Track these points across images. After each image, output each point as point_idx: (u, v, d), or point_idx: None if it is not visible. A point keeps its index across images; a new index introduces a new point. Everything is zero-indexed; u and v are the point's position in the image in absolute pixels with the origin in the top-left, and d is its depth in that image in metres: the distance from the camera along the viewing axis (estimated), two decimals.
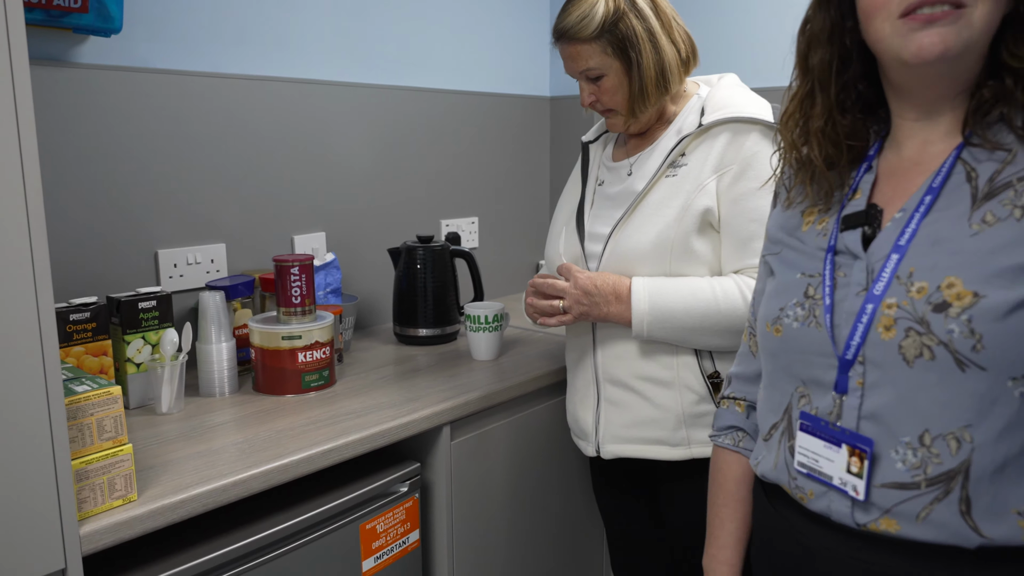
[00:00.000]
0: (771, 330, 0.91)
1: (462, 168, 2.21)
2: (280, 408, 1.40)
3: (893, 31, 0.77)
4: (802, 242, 0.92)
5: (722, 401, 1.08)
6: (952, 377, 0.75)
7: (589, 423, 1.43)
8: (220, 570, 1.12)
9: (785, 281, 0.92)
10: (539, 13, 2.40)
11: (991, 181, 0.78)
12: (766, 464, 0.93)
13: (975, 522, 0.75)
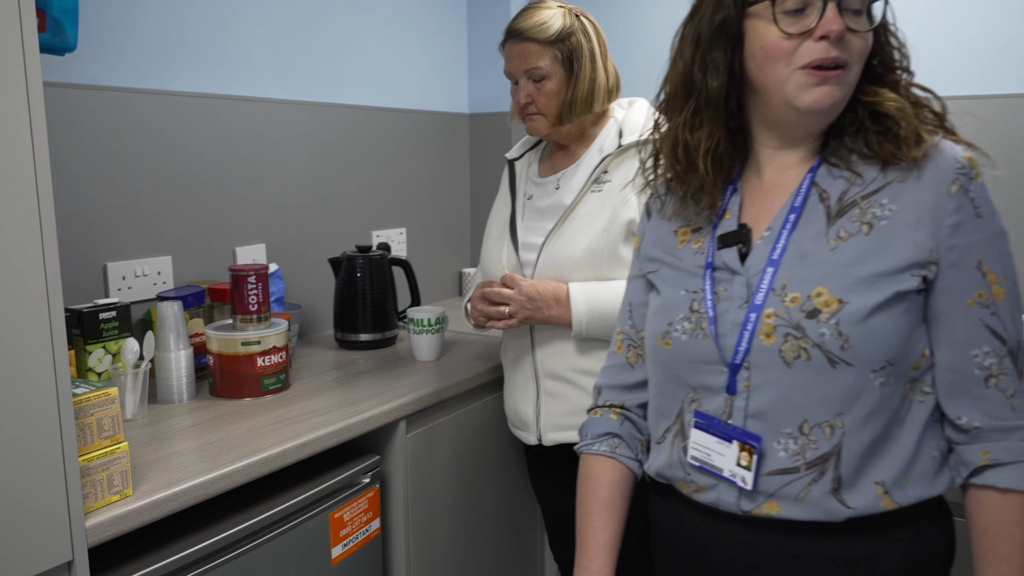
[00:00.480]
0: (661, 344, 0.99)
1: (391, 181, 2.31)
2: (242, 410, 1.47)
3: (792, 80, 0.88)
4: (680, 260, 1.00)
5: (594, 411, 1.11)
6: (825, 374, 0.86)
7: (530, 414, 1.57)
8: (209, 559, 1.19)
9: (670, 298, 0.99)
10: (459, 34, 2.54)
11: (840, 200, 0.90)
12: (660, 463, 1.02)
13: (843, 497, 0.87)
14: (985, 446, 0.88)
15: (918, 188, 0.87)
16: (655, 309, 1.02)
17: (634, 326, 1.09)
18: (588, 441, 1.09)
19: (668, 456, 1.00)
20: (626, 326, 1.10)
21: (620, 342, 1.11)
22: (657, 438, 1.03)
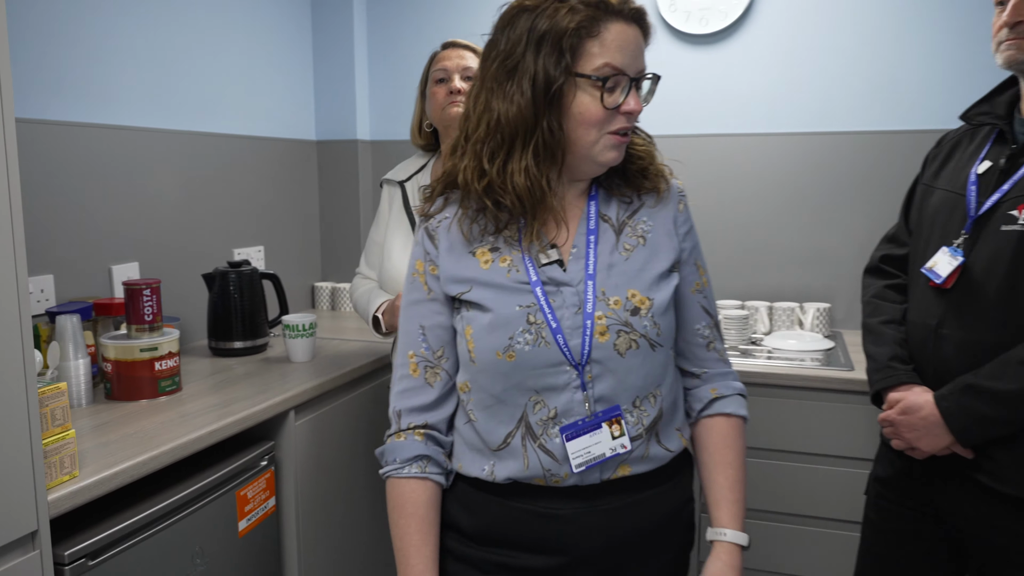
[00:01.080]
0: (503, 357, 1.07)
1: (250, 203, 2.50)
2: (145, 410, 1.64)
3: (600, 142, 1.07)
4: (494, 279, 1.09)
5: (397, 435, 1.14)
6: (648, 357, 1.08)
7: None
8: (143, 530, 1.37)
9: (505, 314, 1.07)
10: (306, 67, 2.77)
11: (618, 221, 1.13)
12: (512, 468, 1.09)
13: (664, 445, 1.12)
14: (712, 385, 1.19)
15: (662, 207, 1.16)
16: (488, 326, 1.08)
17: (430, 348, 1.14)
18: (397, 466, 1.12)
19: (523, 461, 1.09)
20: (420, 349, 1.14)
21: (415, 365, 1.14)
22: (497, 445, 1.10)
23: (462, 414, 1.15)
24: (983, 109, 1.47)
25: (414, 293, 1.16)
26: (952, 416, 1.33)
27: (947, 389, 1.36)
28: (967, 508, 1.39)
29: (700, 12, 2.44)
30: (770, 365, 2.03)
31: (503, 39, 1.06)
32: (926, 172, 1.57)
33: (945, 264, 1.39)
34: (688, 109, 2.53)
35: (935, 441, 1.37)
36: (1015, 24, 1.32)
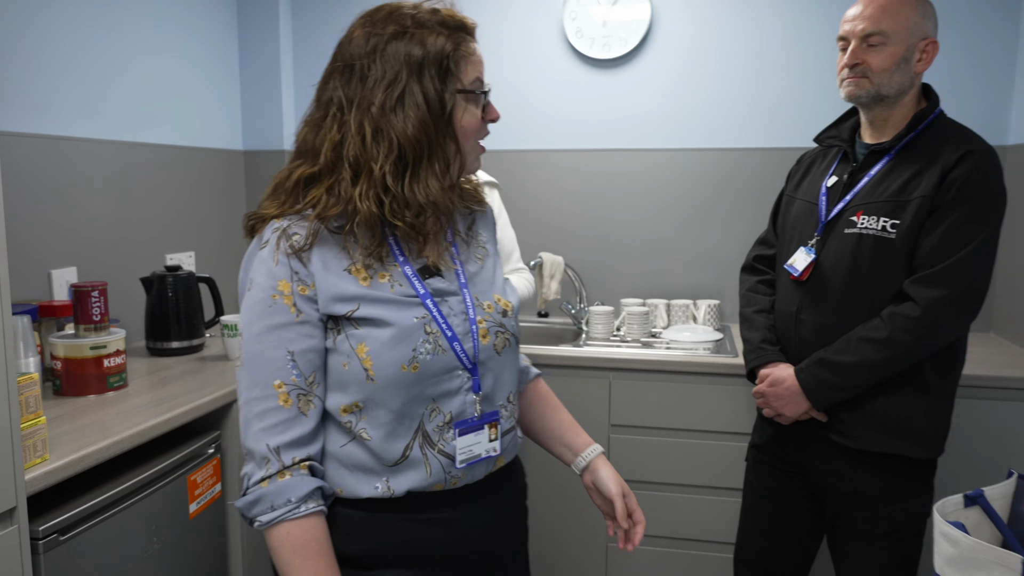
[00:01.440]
0: (408, 369, 1.08)
1: (180, 211, 2.60)
2: (96, 404, 1.75)
3: (474, 151, 1.17)
4: (380, 294, 1.10)
5: (283, 473, 1.05)
6: (514, 353, 1.21)
7: None
8: (106, 510, 1.50)
9: (405, 327, 1.09)
10: (232, 77, 2.89)
11: (465, 233, 1.24)
12: (413, 479, 1.11)
13: (519, 432, 1.27)
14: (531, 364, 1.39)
15: (485, 218, 1.29)
16: (390, 341, 1.08)
17: (301, 375, 1.07)
18: (293, 506, 1.05)
19: (426, 470, 1.12)
20: (290, 377, 1.07)
21: (285, 395, 1.06)
22: (395, 460, 1.11)
23: (339, 437, 1.11)
24: (832, 133, 1.77)
25: (277, 317, 1.07)
26: (808, 385, 1.62)
27: (804, 363, 1.64)
28: (823, 463, 1.68)
29: (603, 39, 2.70)
30: (668, 355, 2.29)
31: (376, 68, 1.09)
32: (789, 185, 1.87)
33: (802, 260, 1.67)
34: (593, 126, 2.78)
35: (796, 407, 1.65)
36: (854, 65, 1.62)
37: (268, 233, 1.10)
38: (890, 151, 1.64)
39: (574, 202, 2.82)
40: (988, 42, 2.48)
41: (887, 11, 1.59)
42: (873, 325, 1.58)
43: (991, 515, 1.35)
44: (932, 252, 1.55)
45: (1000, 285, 2.49)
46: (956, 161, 1.55)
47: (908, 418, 1.59)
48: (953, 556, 1.24)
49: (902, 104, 1.64)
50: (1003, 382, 2.05)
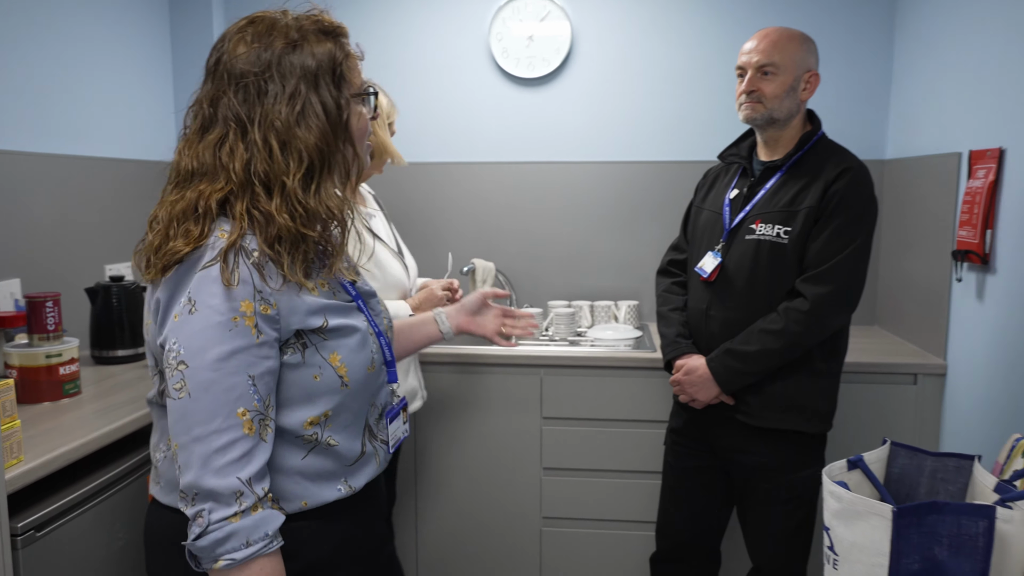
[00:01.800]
0: (372, 370, 1.16)
1: (116, 222, 2.65)
2: (53, 410, 1.81)
3: (366, 151, 1.22)
4: (332, 303, 1.13)
5: (257, 507, 1.01)
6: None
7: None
8: (75, 509, 1.58)
9: (364, 332, 1.16)
10: (166, 88, 2.95)
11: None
12: (369, 472, 1.20)
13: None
14: None
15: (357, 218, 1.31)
16: (357, 346, 1.14)
17: (261, 399, 1.03)
18: (268, 540, 1.02)
19: (376, 461, 1.22)
20: (253, 402, 1.02)
21: (249, 423, 1.02)
22: (355, 458, 1.17)
23: (297, 451, 1.11)
24: (732, 151, 2.02)
25: (237, 340, 1.01)
26: (717, 373, 1.85)
27: (714, 354, 1.87)
28: (731, 441, 1.92)
29: (528, 59, 2.90)
30: (593, 352, 2.50)
31: (275, 83, 1.09)
32: (697, 197, 2.10)
33: (710, 263, 1.90)
34: (519, 140, 2.97)
35: (708, 392, 1.88)
36: (750, 92, 1.86)
37: (212, 250, 1.05)
38: (781, 167, 1.90)
39: (502, 211, 3.00)
40: (866, 70, 2.79)
41: (777, 46, 1.85)
42: (770, 318, 1.82)
43: (869, 476, 1.59)
44: (817, 255, 1.80)
45: (883, 284, 2.80)
46: (836, 176, 1.81)
47: (802, 398, 1.84)
48: (838, 510, 1.47)
49: (791, 127, 1.90)
50: (886, 367, 2.34)
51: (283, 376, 1.08)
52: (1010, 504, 1.37)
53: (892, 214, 2.74)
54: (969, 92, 2.19)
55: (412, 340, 1.56)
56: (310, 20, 1.15)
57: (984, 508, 1.36)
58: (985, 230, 2.03)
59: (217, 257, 1.03)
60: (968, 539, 1.37)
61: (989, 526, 1.35)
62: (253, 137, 1.08)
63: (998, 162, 1.99)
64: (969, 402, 2.15)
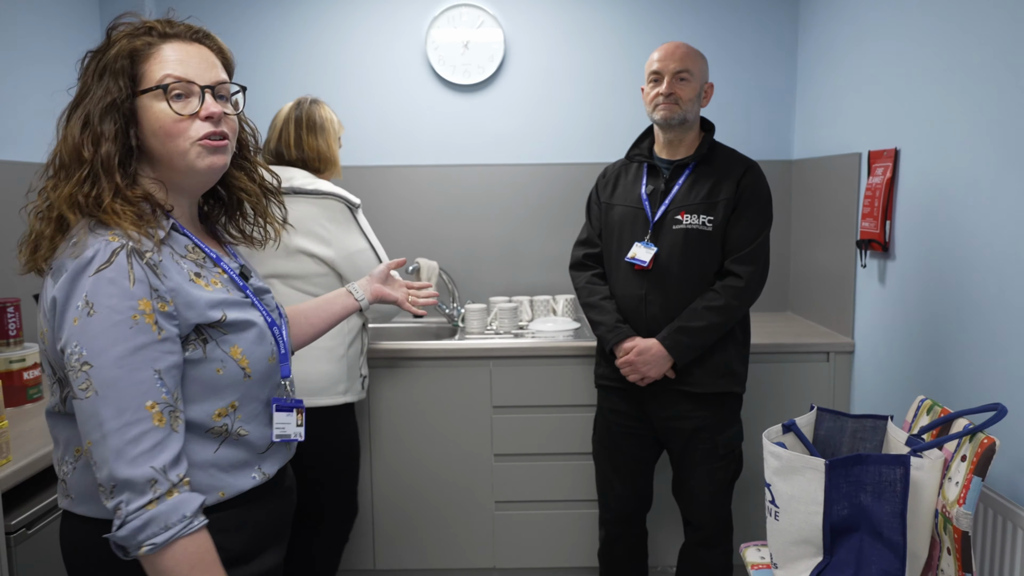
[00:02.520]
0: (272, 361, 1.21)
1: None
2: (19, 414, 1.82)
3: (192, 150, 1.13)
4: (228, 297, 1.16)
5: (172, 492, 1.04)
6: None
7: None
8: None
9: (262, 324, 1.20)
10: None
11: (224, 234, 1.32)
12: (279, 457, 1.25)
13: None
14: None
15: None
16: (256, 338, 1.18)
17: (170, 392, 1.07)
18: (188, 521, 1.05)
19: (287, 448, 1.28)
20: (161, 395, 1.05)
21: (159, 415, 1.05)
22: (266, 446, 1.22)
23: (210, 444, 1.14)
24: (637, 151, 2.24)
25: (140, 337, 1.05)
26: (672, 348, 2.07)
27: (665, 332, 2.08)
28: (670, 410, 2.14)
29: (463, 67, 3.03)
30: (536, 343, 2.64)
31: (82, 82, 1.16)
32: (602, 194, 2.28)
33: (644, 253, 2.10)
34: (457, 143, 3.10)
35: (660, 369, 2.09)
36: (669, 94, 2.08)
37: (103, 253, 1.05)
38: (689, 165, 2.14)
39: (441, 212, 3.12)
40: (773, 77, 3.06)
41: (690, 56, 2.12)
42: (709, 297, 2.07)
43: (800, 437, 1.80)
44: (740, 239, 2.08)
45: (794, 273, 3.08)
46: (744, 172, 2.11)
47: (729, 363, 2.12)
48: (778, 467, 1.67)
49: (693, 130, 2.17)
50: (802, 347, 2.59)
51: (186, 372, 1.11)
52: (920, 454, 1.60)
53: (801, 209, 3.02)
54: (866, 97, 2.46)
55: (330, 313, 1.55)
56: (144, 23, 1.16)
57: (900, 457, 1.58)
58: (885, 221, 2.30)
59: (111, 258, 1.05)
60: (888, 485, 1.59)
61: (905, 473, 1.57)
62: (88, 130, 1.11)
63: (894, 161, 2.26)
64: (875, 373, 2.42)
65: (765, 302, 3.12)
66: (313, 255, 2.07)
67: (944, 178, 2.02)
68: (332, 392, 2.14)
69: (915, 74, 2.16)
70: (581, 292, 2.26)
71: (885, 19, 2.34)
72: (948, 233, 2.00)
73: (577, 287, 2.28)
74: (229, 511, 1.16)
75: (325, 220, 2.08)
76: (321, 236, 2.08)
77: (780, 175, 3.07)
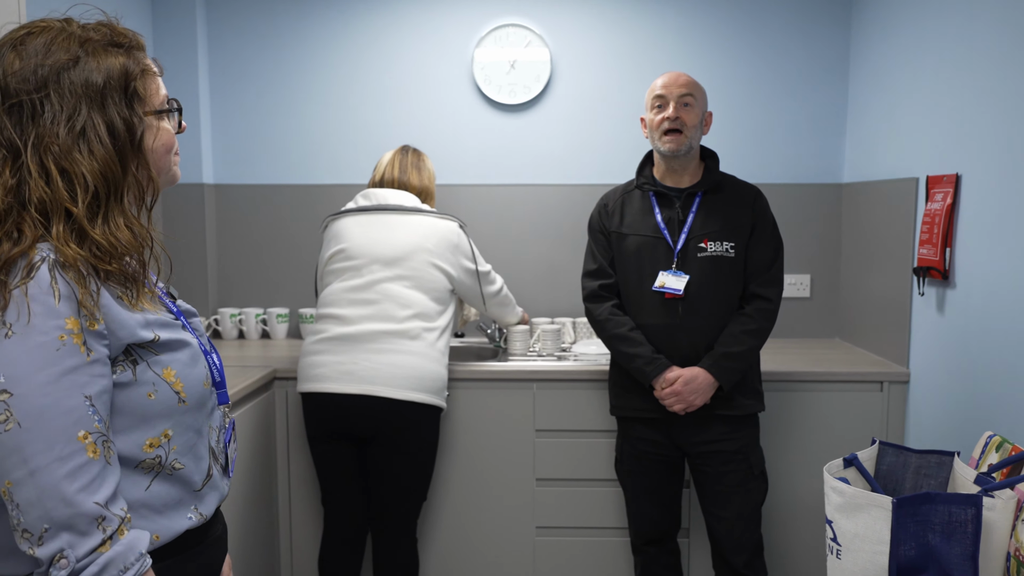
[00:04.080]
0: (207, 386, 1.11)
1: None
2: None
3: (170, 169, 1.12)
4: (160, 318, 1.05)
5: (122, 529, 0.95)
6: None
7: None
8: None
9: (195, 345, 1.10)
10: None
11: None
12: (216, 495, 1.14)
13: None
14: None
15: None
16: (190, 360, 1.08)
17: (102, 419, 0.96)
18: (142, 559, 0.97)
19: (222, 484, 1.17)
20: (93, 424, 0.95)
21: (93, 445, 0.94)
22: (202, 482, 1.10)
23: (140, 481, 1.03)
24: (643, 180, 2.23)
25: (67, 360, 0.94)
26: (720, 375, 2.07)
27: (709, 359, 2.08)
28: (706, 434, 2.14)
29: (509, 86, 3.02)
30: (578, 366, 2.61)
31: (52, 103, 0.99)
32: (608, 223, 2.24)
33: (676, 281, 2.09)
34: (502, 163, 3.09)
35: (706, 396, 2.08)
36: (675, 118, 2.09)
37: (22, 271, 0.94)
38: (698, 193, 2.16)
39: (485, 232, 3.10)
40: (823, 97, 3.01)
41: (692, 83, 2.16)
42: (744, 320, 2.10)
43: (863, 472, 1.74)
44: (761, 262, 2.15)
45: (843, 299, 3.01)
46: (754, 198, 2.18)
47: (754, 383, 2.17)
48: (841, 504, 1.61)
49: (696, 158, 2.19)
50: (855, 376, 2.52)
51: (114, 398, 1.00)
52: (992, 493, 1.54)
53: (851, 234, 2.95)
54: (924, 120, 2.41)
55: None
56: (100, 31, 1.05)
57: (972, 497, 1.52)
58: (945, 248, 2.24)
59: (31, 274, 0.94)
60: (958, 526, 1.53)
61: (977, 513, 1.51)
62: (26, 161, 0.97)
63: (955, 186, 2.20)
64: (932, 405, 2.34)
65: (813, 327, 3.07)
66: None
67: (1011, 205, 1.96)
68: (440, 394, 2.29)
69: (978, 95, 2.11)
70: (605, 324, 2.20)
71: (945, 38, 2.29)
72: (1015, 262, 1.94)
73: (598, 319, 2.23)
74: (167, 561, 1.05)
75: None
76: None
77: (830, 199, 3.02)
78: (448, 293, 2.35)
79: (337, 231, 2.36)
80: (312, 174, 3.09)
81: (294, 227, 3.10)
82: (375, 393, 2.16)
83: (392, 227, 2.30)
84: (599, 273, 2.25)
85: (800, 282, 3.06)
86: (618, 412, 2.29)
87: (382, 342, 2.20)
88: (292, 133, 3.08)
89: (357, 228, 2.32)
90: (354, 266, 2.29)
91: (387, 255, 2.26)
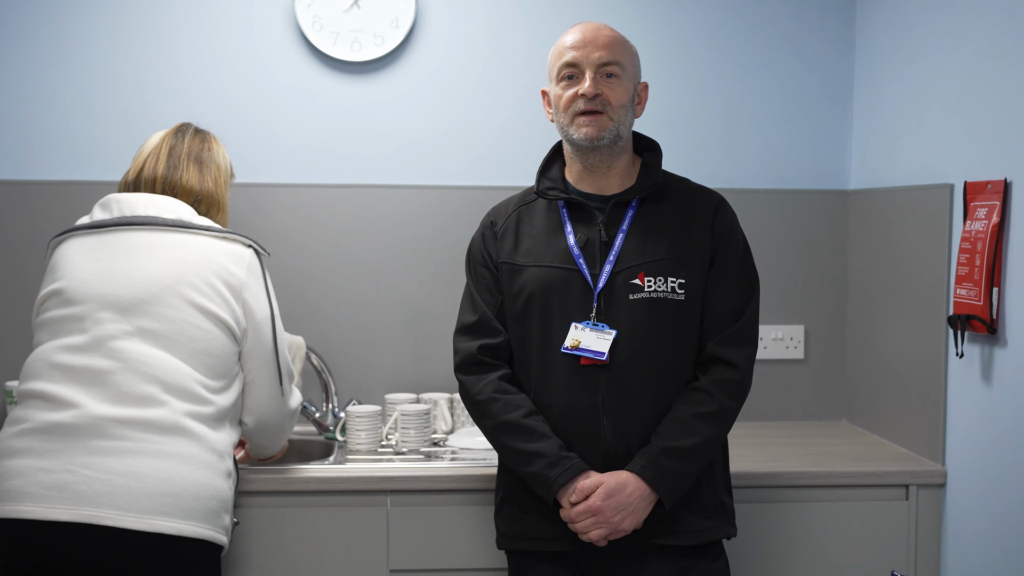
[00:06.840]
0: None
1: None
2: None
3: None
4: None
5: None
6: None
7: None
8: None
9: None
10: None
11: None
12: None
13: None
14: None
15: None
16: None
17: None
18: None
19: None
20: None
21: None
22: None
23: None
24: (548, 184, 2.20)
25: None
26: (658, 483, 2.01)
27: (642, 459, 2.04)
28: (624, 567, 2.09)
29: (351, 35, 2.99)
30: (455, 468, 2.56)
31: None
32: (496, 251, 2.21)
33: (596, 339, 2.07)
34: (339, 153, 3.06)
35: (638, 517, 2.03)
36: (594, 96, 2.04)
37: None
38: (631, 203, 2.16)
39: (313, 260, 3.04)
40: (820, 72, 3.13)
41: (617, 43, 2.14)
42: (699, 399, 2.09)
43: None
44: (725, 309, 2.12)
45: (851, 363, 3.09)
46: (715, 210, 2.17)
47: (717, 493, 2.13)
48: None
49: (626, 151, 2.19)
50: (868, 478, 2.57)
51: None
52: None
53: (861, 263, 3.04)
54: (960, 106, 2.51)
55: None
56: None
57: None
58: (991, 288, 2.31)
59: None
60: None
61: None
62: None
63: (1003, 197, 2.28)
64: (978, 517, 2.41)
65: (809, 405, 3.14)
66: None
67: None
68: (216, 522, 2.12)
69: None
70: (488, 408, 2.15)
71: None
72: None
73: (475, 399, 2.18)
74: None
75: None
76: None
77: (832, 212, 3.14)
78: (232, 357, 2.27)
79: (57, 261, 2.24)
80: (36, 167, 3.01)
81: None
82: (103, 522, 1.97)
83: (136, 253, 2.18)
84: (479, 328, 2.21)
85: (790, 336, 3.13)
86: (507, 543, 2.22)
87: (117, 438, 2.04)
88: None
89: (81, 256, 2.20)
90: (74, 315, 2.13)
91: (123, 297, 2.13)
